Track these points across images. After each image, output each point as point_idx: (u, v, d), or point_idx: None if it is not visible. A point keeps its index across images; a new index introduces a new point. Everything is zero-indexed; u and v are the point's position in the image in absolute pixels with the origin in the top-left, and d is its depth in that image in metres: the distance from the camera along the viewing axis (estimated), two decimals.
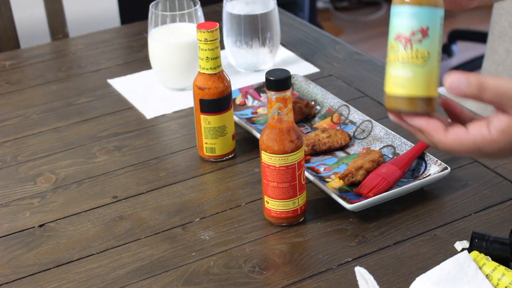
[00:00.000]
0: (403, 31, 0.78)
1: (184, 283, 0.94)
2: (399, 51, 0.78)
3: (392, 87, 0.79)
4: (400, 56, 0.78)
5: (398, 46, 0.78)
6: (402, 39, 0.78)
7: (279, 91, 0.95)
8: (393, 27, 0.78)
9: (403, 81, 0.78)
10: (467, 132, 0.78)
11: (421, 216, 1.03)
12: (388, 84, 0.80)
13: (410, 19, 0.77)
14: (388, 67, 0.79)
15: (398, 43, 0.78)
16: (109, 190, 1.12)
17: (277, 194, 1.00)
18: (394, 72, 0.79)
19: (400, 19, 0.78)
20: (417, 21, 0.77)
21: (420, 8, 0.77)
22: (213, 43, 1.10)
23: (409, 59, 0.78)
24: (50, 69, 1.51)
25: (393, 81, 0.79)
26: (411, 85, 0.78)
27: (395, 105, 0.80)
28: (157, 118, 1.31)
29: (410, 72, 0.78)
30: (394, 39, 0.78)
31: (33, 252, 1.00)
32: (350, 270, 0.94)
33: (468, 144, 0.77)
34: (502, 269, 0.87)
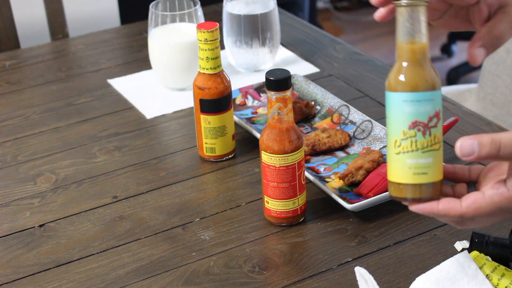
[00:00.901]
0: (421, 118, 0.74)
1: (184, 283, 0.94)
2: (418, 139, 0.75)
3: (412, 177, 0.76)
4: (420, 144, 0.75)
5: (416, 134, 0.75)
6: (421, 127, 0.75)
7: (279, 91, 0.95)
8: (407, 115, 0.75)
9: (426, 169, 0.75)
10: (483, 195, 0.74)
11: (421, 216, 1.03)
12: (404, 175, 0.76)
13: (427, 105, 0.74)
14: (403, 158, 0.76)
15: (416, 131, 0.75)
16: (109, 190, 1.12)
17: (277, 194, 1.00)
18: (413, 161, 0.75)
19: (414, 106, 0.74)
20: (433, 106, 0.75)
21: (435, 92, 0.75)
22: (213, 43, 1.10)
23: (429, 146, 0.75)
24: (50, 69, 1.51)
25: (413, 171, 0.75)
26: (433, 172, 0.76)
27: (416, 194, 0.76)
28: (157, 118, 1.31)
29: (431, 159, 0.75)
30: (409, 127, 0.75)
31: (33, 252, 1.00)
32: (350, 270, 0.94)
33: (488, 208, 0.74)
34: (502, 269, 0.87)
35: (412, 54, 0.75)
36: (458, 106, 1.30)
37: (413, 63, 0.75)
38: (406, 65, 0.75)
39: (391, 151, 0.77)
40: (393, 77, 0.76)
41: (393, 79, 0.75)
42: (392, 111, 0.76)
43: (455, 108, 1.29)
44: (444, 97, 1.33)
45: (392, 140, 0.76)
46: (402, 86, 0.75)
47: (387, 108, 0.77)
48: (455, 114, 1.25)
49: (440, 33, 3.49)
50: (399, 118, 0.75)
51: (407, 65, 0.75)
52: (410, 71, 0.75)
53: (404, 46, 0.75)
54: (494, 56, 1.68)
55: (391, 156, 0.77)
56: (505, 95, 1.67)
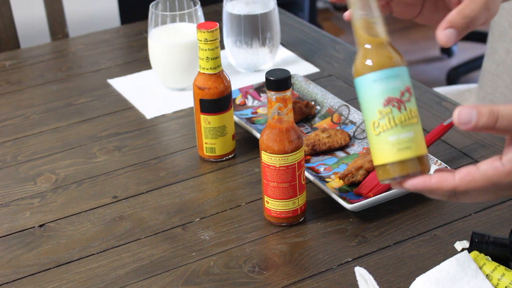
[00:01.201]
0: (393, 94, 0.75)
1: (184, 283, 0.94)
2: (395, 115, 0.75)
3: (397, 154, 0.75)
4: (398, 119, 0.75)
5: (392, 110, 0.75)
6: (395, 102, 0.75)
7: (279, 91, 0.95)
8: (379, 93, 0.75)
9: (409, 143, 0.75)
10: (477, 168, 0.73)
11: (421, 216, 1.03)
12: (389, 154, 0.76)
13: (396, 81, 0.75)
14: (384, 137, 0.76)
15: (391, 108, 0.75)
16: (109, 190, 1.12)
17: (277, 194, 1.00)
18: (394, 137, 0.75)
19: (384, 83, 0.75)
20: (402, 81, 0.76)
21: (400, 68, 0.76)
22: (213, 43, 1.10)
23: (407, 120, 0.75)
24: (50, 69, 1.51)
25: (397, 147, 0.75)
26: (416, 145, 0.76)
27: (404, 171, 0.76)
28: (157, 118, 1.31)
29: (412, 133, 0.75)
30: (384, 105, 0.75)
31: (33, 252, 1.00)
32: (350, 270, 0.94)
33: (481, 181, 0.73)
34: (502, 269, 0.87)
35: (370, 36, 0.77)
36: (458, 106, 1.30)
37: (373, 45, 0.77)
38: (368, 47, 0.77)
39: (371, 135, 0.77)
40: (359, 62, 0.77)
41: (359, 64, 0.77)
42: (364, 96, 0.77)
43: (455, 108, 1.29)
44: (444, 97, 1.33)
45: (370, 123, 0.76)
46: (368, 68, 0.76)
47: (359, 95, 0.77)
48: None
49: None
50: (372, 99, 0.76)
51: (369, 48, 0.77)
52: (373, 53, 0.76)
53: (360, 30, 0.77)
54: (494, 56, 1.68)
55: (372, 140, 0.77)
56: (505, 95, 1.67)
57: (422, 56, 3.37)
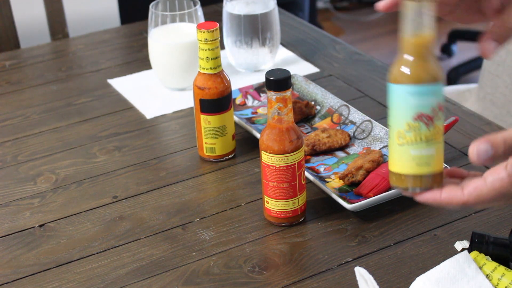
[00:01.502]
0: (425, 110, 0.75)
1: (184, 283, 0.94)
2: (422, 131, 0.76)
3: (415, 168, 0.77)
4: (424, 135, 0.76)
5: (421, 126, 0.75)
6: (425, 118, 0.75)
7: (279, 91, 0.95)
8: (411, 107, 0.75)
9: (429, 160, 0.76)
10: (484, 181, 0.74)
11: (421, 216, 1.03)
12: (408, 166, 0.77)
13: (430, 97, 0.75)
14: (406, 149, 0.76)
15: (420, 123, 0.75)
16: (109, 190, 1.12)
17: (277, 194, 1.00)
18: (417, 152, 0.76)
19: (419, 98, 0.75)
20: (436, 98, 0.76)
21: (437, 84, 0.76)
22: (213, 43, 1.10)
23: (433, 137, 0.76)
24: (50, 69, 1.51)
25: (416, 162, 0.76)
26: (435, 163, 0.77)
27: (418, 184, 0.77)
28: (157, 118, 1.31)
29: (434, 150, 0.76)
30: (414, 119, 0.75)
31: (33, 252, 1.00)
32: (350, 270, 0.94)
33: (489, 194, 0.74)
34: (502, 269, 0.87)
35: (418, 48, 0.75)
36: (458, 106, 1.30)
37: (418, 56, 0.75)
38: (411, 58, 0.76)
39: (394, 142, 0.77)
40: (398, 69, 0.76)
41: (398, 71, 0.76)
42: (396, 103, 0.77)
43: (455, 108, 1.29)
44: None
45: (396, 131, 0.77)
46: (407, 78, 0.75)
47: (391, 100, 0.77)
48: (455, 114, 1.25)
49: (440, 33, 3.49)
50: (403, 110, 0.76)
51: (413, 58, 0.76)
52: (415, 64, 0.75)
53: (410, 40, 0.75)
54: (494, 56, 1.68)
55: (393, 146, 0.78)
56: (505, 95, 1.67)
57: None
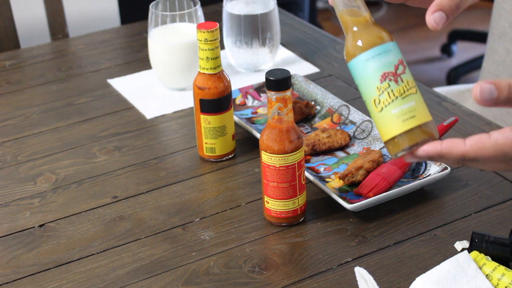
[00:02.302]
0: (387, 69, 0.78)
1: (184, 283, 0.94)
2: (394, 88, 0.77)
3: (403, 125, 0.77)
4: (397, 92, 0.77)
5: (389, 84, 0.78)
6: (390, 76, 0.78)
7: (279, 91, 0.95)
8: (374, 71, 0.78)
9: (412, 113, 0.77)
10: (489, 136, 0.74)
11: (421, 216, 1.03)
12: (395, 127, 0.78)
13: (388, 56, 0.78)
14: (387, 111, 0.78)
15: (388, 82, 0.77)
16: (109, 190, 1.12)
17: (277, 194, 1.00)
18: (397, 110, 0.77)
19: (377, 60, 0.78)
20: (394, 56, 0.79)
21: (390, 43, 0.79)
22: (213, 43, 1.10)
23: (406, 91, 0.78)
24: (50, 69, 1.51)
25: (401, 119, 0.77)
26: (420, 114, 0.78)
27: (413, 140, 0.77)
28: (157, 118, 1.31)
29: (413, 102, 0.78)
30: (381, 81, 0.78)
31: (33, 252, 1.00)
32: (350, 270, 0.94)
33: (491, 149, 0.73)
34: (502, 269, 0.87)
35: (356, 21, 0.80)
36: (458, 106, 1.30)
37: (360, 27, 0.80)
38: (355, 30, 0.80)
39: (374, 113, 0.79)
40: (349, 45, 0.80)
41: (350, 47, 0.80)
42: (360, 76, 0.79)
43: (455, 108, 1.29)
44: (444, 97, 1.33)
45: (371, 101, 0.79)
46: (360, 48, 0.79)
47: (355, 78, 0.80)
48: (455, 114, 1.25)
49: (440, 33, 3.49)
50: (368, 77, 0.79)
51: (357, 30, 0.80)
52: (361, 33, 0.80)
53: (347, 18, 0.81)
54: (494, 56, 1.68)
55: (376, 118, 0.79)
56: None
57: (422, 56, 3.37)
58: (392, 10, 3.78)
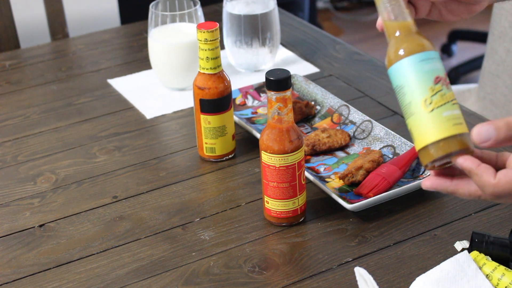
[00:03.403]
0: (440, 73, 0.78)
1: (184, 283, 0.94)
2: (446, 92, 0.77)
3: (453, 128, 0.77)
4: (448, 96, 0.77)
5: (442, 88, 0.78)
6: (443, 81, 0.78)
7: (279, 91, 0.95)
8: (429, 72, 0.78)
9: (460, 119, 0.77)
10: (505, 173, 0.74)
11: (421, 216, 1.03)
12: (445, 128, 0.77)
13: (439, 62, 0.79)
14: (438, 112, 0.77)
15: (441, 86, 0.78)
16: (109, 190, 1.12)
17: (277, 194, 1.00)
18: (448, 113, 0.77)
19: (432, 63, 0.79)
20: (442, 64, 0.79)
21: (437, 52, 0.80)
22: (213, 43, 1.10)
23: (454, 99, 0.78)
24: (50, 69, 1.51)
25: (452, 122, 0.77)
26: (464, 122, 0.78)
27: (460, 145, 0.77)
28: (157, 118, 1.31)
29: (459, 111, 0.78)
30: (435, 83, 0.78)
31: (33, 252, 1.00)
32: (350, 270, 0.94)
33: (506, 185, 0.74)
34: (502, 269, 0.87)
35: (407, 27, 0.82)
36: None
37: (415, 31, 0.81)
38: (408, 34, 0.81)
39: (422, 113, 0.78)
40: (401, 45, 0.80)
41: (403, 46, 0.80)
42: (411, 76, 0.79)
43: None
44: None
45: (421, 101, 0.78)
46: (415, 49, 0.79)
47: (401, 79, 0.79)
48: None
49: (440, 33, 3.49)
50: (422, 78, 0.78)
51: (409, 34, 0.81)
52: (414, 36, 0.81)
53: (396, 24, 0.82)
54: (494, 56, 1.68)
55: (423, 117, 0.78)
56: (505, 95, 1.67)
57: None
58: None
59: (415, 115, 0.78)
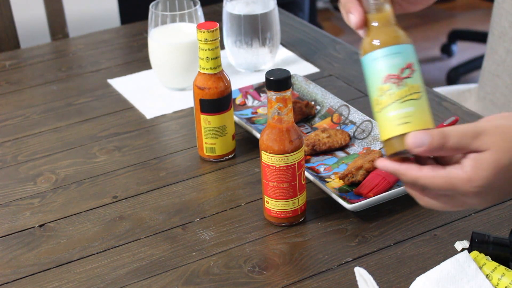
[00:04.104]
0: (392, 71, 0.78)
1: (184, 283, 0.94)
2: (394, 91, 0.78)
3: (396, 129, 0.78)
4: (397, 95, 0.78)
5: (391, 87, 0.78)
6: (393, 79, 0.78)
7: (279, 91, 0.95)
8: (378, 71, 0.79)
9: (408, 118, 0.77)
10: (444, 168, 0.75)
11: (421, 216, 1.03)
12: (390, 129, 0.78)
13: (396, 58, 0.79)
14: (384, 113, 0.78)
15: (390, 85, 0.78)
16: (109, 190, 1.12)
17: (277, 194, 1.00)
18: (394, 113, 0.78)
19: (384, 61, 0.79)
20: (403, 58, 0.79)
21: (401, 46, 0.79)
22: (213, 43, 1.10)
23: (406, 96, 0.78)
24: (50, 69, 1.51)
25: (396, 122, 0.78)
26: (417, 121, 0.78)
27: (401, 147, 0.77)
28: (157, 118, 1.31)
29: (412, 108, 0.78)
30: (383, 82, 0.78)
31: (33, 252, 1.00)
32: (350, 270, 0.94)
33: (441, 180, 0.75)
34: (502, 269, 0.87)
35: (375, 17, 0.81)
36: (458, 106, 1.30)
37: (379, 23, 0.81)
38: (373, 25, 0.81)
39: (375, 112, 0.80)
40: (364, 41, 0.81)
41: (364, 42, 0.81)
42: (367, 74, 0.80)
43: (455, 108, 1.29)
44: (444, 97, 1.33)
45: (374, 100, 0.80)
46: (371, 47, 0.80)
47: (364, 75, 0.81)
48: (455, 114, 1.25)
49: (440, 33, 3.49)
50: (373, 77, 0.80)
51: (374, 26, 0.81)
52: (377, 31, 0.81)
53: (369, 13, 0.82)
54: (494, 56, 1.68)
55: (376, 116, 0.80)
56: (505, 95, 1.67)
57: (422, 56, 3.37)
58: None
59: (373, 112, 0.81)
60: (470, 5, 3.77)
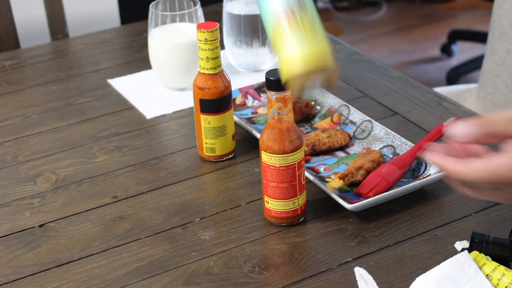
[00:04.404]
0: (284, 9, 0.82)
1: (184, 283, 0.94)
2: (286, 30, 0.82)
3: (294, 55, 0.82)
4: (290, 33, 0.81)
5: (283, 26, 0.82)
6: (284, 18, 0.82)
7: (279, 91, 0.95)
8: (269, 13, 0.83)
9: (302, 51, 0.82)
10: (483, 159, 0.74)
11: (421, 216, 1.03)
12: (287, 61, 0.83)
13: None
14: (283, 48, 0.82)
15: (281, 24, 0.82)
16: (109, 190, 1.12)
17: (277, 194, 1.00)
18: (289, 48, 0.82)
19: (273, 3, 0.83)
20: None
21: None
22: (213, 43, 1.10)
23: (300, 32, 0.81)
24: (50, 69, 1.51)
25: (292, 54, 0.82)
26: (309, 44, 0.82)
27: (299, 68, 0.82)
28: (157, 118, 1.31)
29: (305, 42, 0.82)
30: (275, 24, 0.82)
31: (33, 252, 1.00)
32: (350, 270, 0.94)
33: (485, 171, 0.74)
34: (502, 269, 0.87)
35: None
36: (458, 106, 1.30)
37: None
38: None
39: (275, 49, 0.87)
40: None
41: None
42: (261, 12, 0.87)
43: (455, 108, 1.29)
44: (444, 97, 1.33)
45: (271, 36, 0.85)
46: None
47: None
48: (455, 114, 1.25)
49: (440, 33, 3.49)
50: (266, 20, 0.86)
51: None
52: None
53: None
54: (494, 56, 1.68)
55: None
56: (505, 95, 1.67)
57: (422, 56, 3.37)
58: (392, 10, 3.78)
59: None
60: (470, 5, 3.77)
